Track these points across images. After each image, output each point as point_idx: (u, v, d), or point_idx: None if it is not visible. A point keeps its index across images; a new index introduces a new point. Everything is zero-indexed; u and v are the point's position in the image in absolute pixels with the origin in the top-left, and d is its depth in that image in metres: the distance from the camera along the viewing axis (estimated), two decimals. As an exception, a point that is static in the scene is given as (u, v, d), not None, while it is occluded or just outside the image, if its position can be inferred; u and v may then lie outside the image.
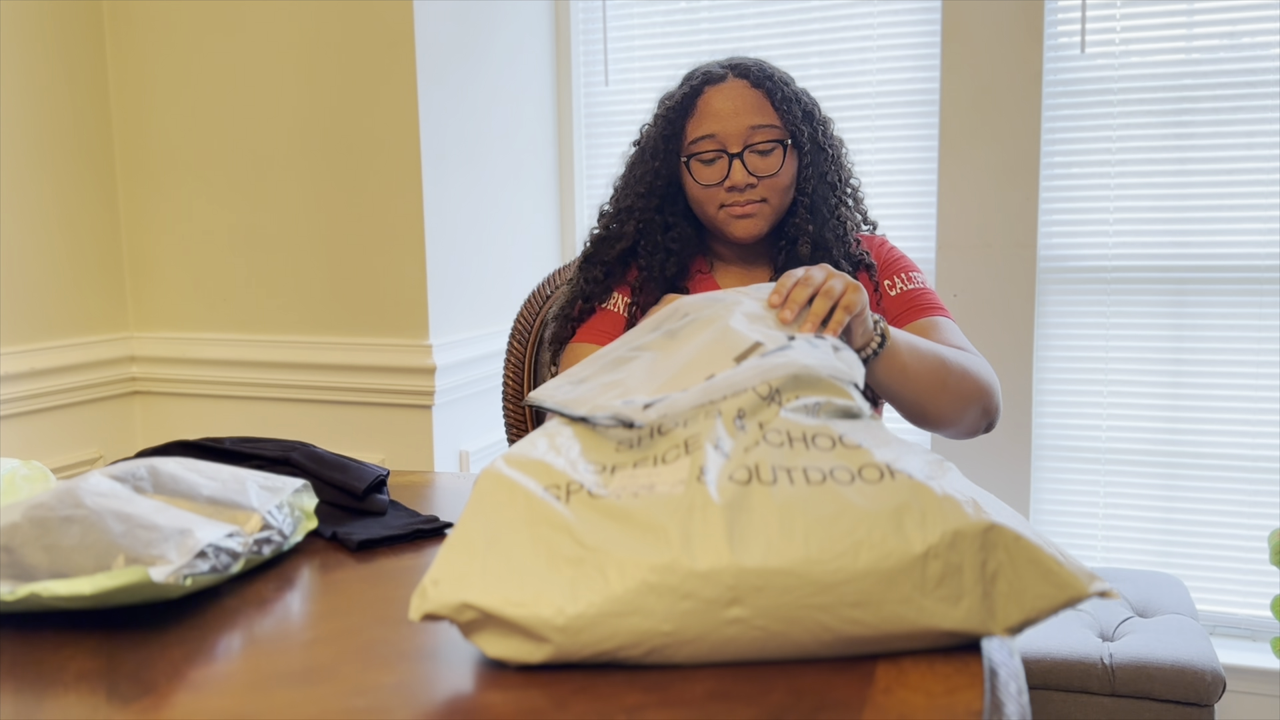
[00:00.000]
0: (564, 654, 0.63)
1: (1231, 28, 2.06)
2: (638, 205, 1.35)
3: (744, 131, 1.28)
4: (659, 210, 1.35)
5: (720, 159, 1.29)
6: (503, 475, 0.69)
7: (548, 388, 0.85)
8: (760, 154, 1.29)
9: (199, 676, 0.66)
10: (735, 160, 1.28)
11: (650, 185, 1.34)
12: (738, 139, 1.28)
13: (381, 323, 2.06)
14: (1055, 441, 2.26)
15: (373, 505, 1.02)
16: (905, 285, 1.33)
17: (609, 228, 1.39)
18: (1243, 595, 2.18)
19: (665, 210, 1.35)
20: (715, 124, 1.29)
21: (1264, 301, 2.09)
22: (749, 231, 1.31)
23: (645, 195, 1.34)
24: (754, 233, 1.31)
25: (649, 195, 1.34)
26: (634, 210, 1.36)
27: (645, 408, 0.75)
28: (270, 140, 2.10)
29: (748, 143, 1.28)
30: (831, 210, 1.34)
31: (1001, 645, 0.66)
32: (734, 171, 1.28)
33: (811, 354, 0.80)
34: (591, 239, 1.42)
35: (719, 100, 1.29)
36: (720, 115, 1.29)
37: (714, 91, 1.30)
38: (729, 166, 1.28)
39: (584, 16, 2.53)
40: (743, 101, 1.29)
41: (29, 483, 0.96)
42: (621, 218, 1.38)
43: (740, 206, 1.29)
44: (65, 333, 2.10)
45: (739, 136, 1.28)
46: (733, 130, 1.28)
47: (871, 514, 0.64)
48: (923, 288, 1.34)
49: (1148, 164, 2.14)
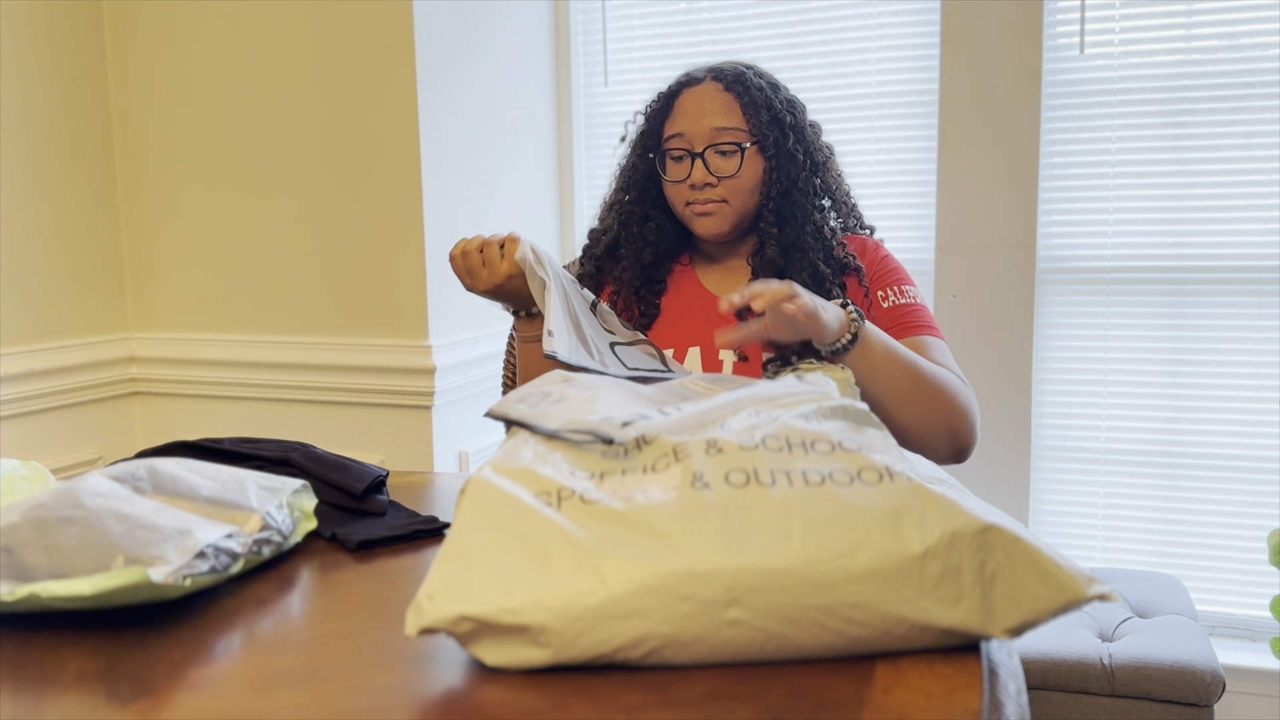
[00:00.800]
0: (563, 658, 0.63)
1: (1231, 28, 2.06)
2: (618, 199, 1.44)
3: (708, 133, 1.33)
4: (638, 202, 1.42)
5: (686, 158, 1.35)
6: (492, 484, 0.68)
7: (509, 401, 0.83)
8: (722, 155, 1.33)
9: (198, 677, 0.66)
10: (697, 160, 1.33)
11: (630, 179, 1.42)
12: (702, 139, 1.33)
13: (381, 323, 2.06)
14: (1054, 442, 2.27)
15: (372, 506, 1.02)
16: (898, 299, 1.34)
17: (601, 219, 1.48)
18: (1242, 595, 2.18)
19: (644, 203, 1.42)
20: (685, 124, 1.34)
21: (1263, 302, 2.09)
22: (709, 229, 1.36)
23: (625, 189, 1.43)
24: (715, 230, 1.36)
25: (628, 189, 1.42)
26: (614, 205, 1.44)
27: (624, 425, 0.74)
28: (270, 141, 2.10)
29: (711, 143, 1.33)
30: (805, 215, 1.35)
31: (1000, 645, 0.67)
32: (695, 170, 1.33)
33: (777, 385, 0.81)
34: (590, 234, 1.50)
35: (690, 101, 1.35)
36: (689, 115, 1.35)
37: (688, 94, 1.36)
38: (691, 165, 1.34)
39: (584, 17, 2.53)
40: (710, 104, 1.34)
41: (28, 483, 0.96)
42: (608, 211, 1.46)
43: (700, 205, 1.34)
44: (65, 333, 2.10)
45: (703, 137, 1.33)
46: (698, 131, 1.33)
47: (870, 514, 0.64)
48: (915, 303, 1.34)
49: (1147, 165, 2.14)
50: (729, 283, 1.40)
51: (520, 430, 0.78)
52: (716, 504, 0.65)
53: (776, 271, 1.33)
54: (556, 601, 0.62)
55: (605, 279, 1.43)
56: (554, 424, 0.76)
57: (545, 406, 0.81)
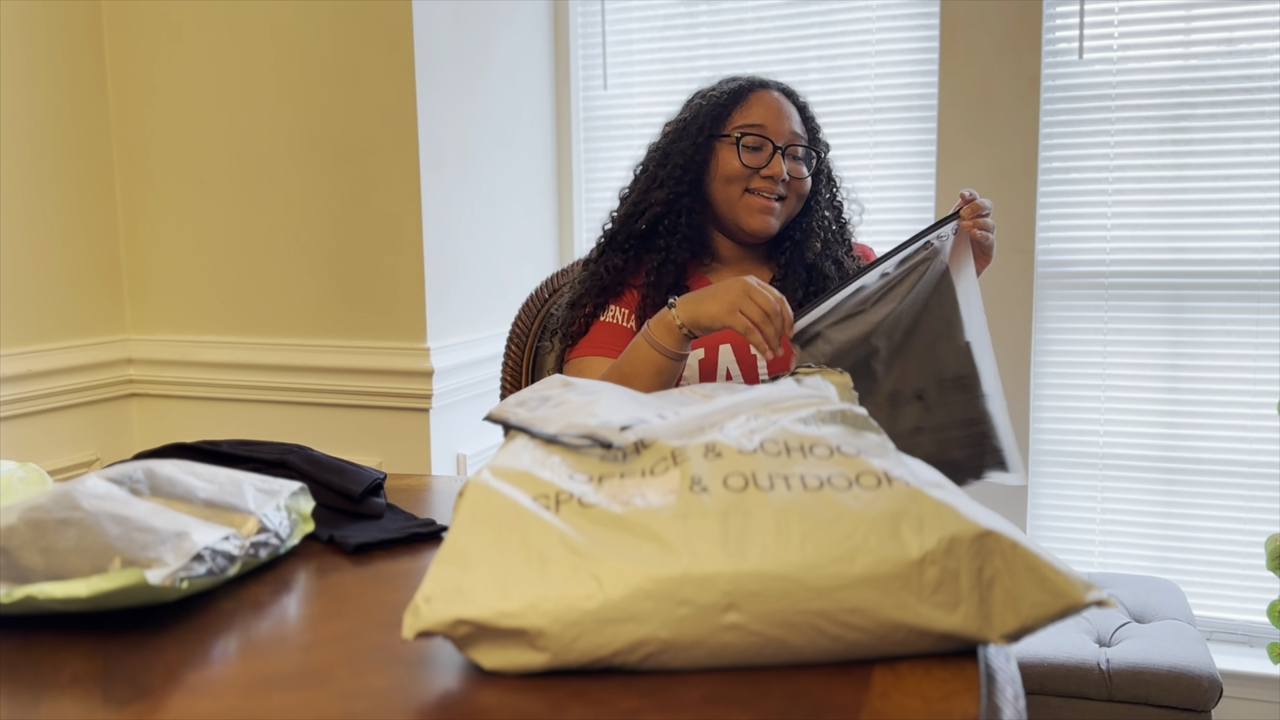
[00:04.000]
0: (560, 662, 0.63)
1: (1229, 34, 2.06)
2: (671, 177, 1.41)
3: (788, 133, 1.40)
4: (689, 192, 1.41)
5: (765, 146, 1.38)
6: (490, 487, 0.68)
7: (508, 404, 0.83)
8: (795, 159, 1.41)
9: (195, 679, 0.66)
10: (779, 153, 1.38)
11: (689, 159, 1.40)
12: (783, 138, 1.39)
13: (379, 326, 2.06)
14: (1053, 446, 2.27)
15: (370, 508, 1.02)
16: None
17: (636, 204, 1.43)
18: (1240, 601, 2.18)
19: (691, 194, 1.42)
20: (766, 116, 1.39)
21: (1261, 307, 2.09)
22: (764, 225, 1.40)
23: (684, 168, 1.40)
24: (767, 228, 1.40)
25: (686, 168, 1.41)
26: (666, 182, 1.41)
27: (622, 429, 0.74)
28: (268, 143, 2.10)
29: (789, 144, 1.39)
30: (828, 226, 1.45)
31: (998, 650, 0.66)
32: (775, 162, 1.38)
33: (776, 389, 0.81)
34: (614, 219, 1.47)
35: (769, 100, 1.41)
36: (771, 112, 1.40)
37: (764, 93, 1.42)
38: (770, 156, 1.38)
39: (583, 20, 2.53)
40: (787, 109, 1.42)
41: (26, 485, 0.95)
42: (650, 190, 1.42)
43: (766, 197, 1.38)
44: (63, 335, 2.10)
45: (784, 136, 1.39)
46: (780, 129, 1.39)
47: (868, 519, 0.64)
48: None
49: (1145, 170, 2.14)
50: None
51: (519, 434, 0.78)
52: (715, 508, 0.65)
53: (806, 273, 1.42)
54: (554, 605, 0.62)
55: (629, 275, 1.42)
56: (553, 428, 0.76)
57: (544, 410, 0.81)
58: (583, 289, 1.43)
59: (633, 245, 1.42)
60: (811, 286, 1.42)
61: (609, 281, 1.41)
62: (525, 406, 0.82)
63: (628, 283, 1.42)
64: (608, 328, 1.40)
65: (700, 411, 0.77)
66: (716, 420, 0.76)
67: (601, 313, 1.41)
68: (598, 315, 1.41)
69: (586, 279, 1.44)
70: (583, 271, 1.46)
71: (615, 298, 1.41)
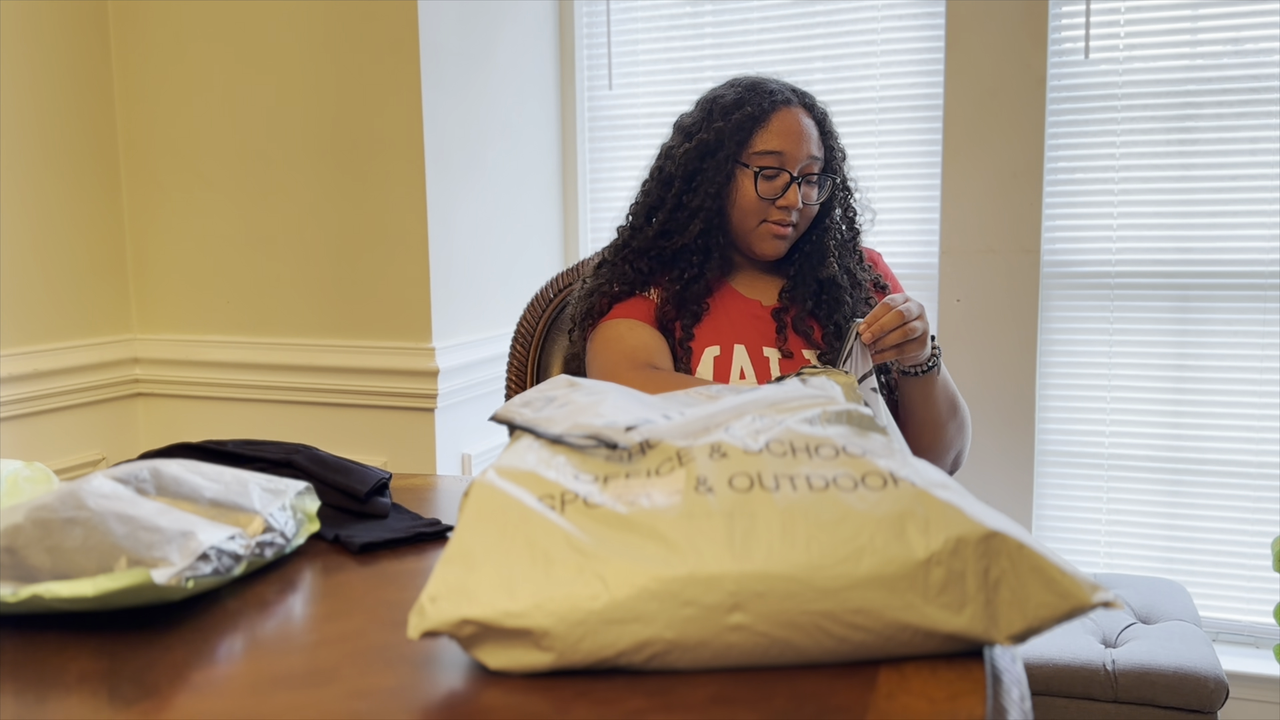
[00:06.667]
0: (565, 663, 0.63)
1: (1235, 33, 2.06)
2: (706, 206, 1.37)
3: (804, 158, 1.36)
4: (718, 223, 1.39)
5: (780, 176, 1.35)
6: (495, 487, 0.68)
7: (514, 405, 0.83)
8: (809, 184, 1.38)
9: (201, 679, 0.66)
10: (795, 184, 1.35)
11: (720, 187, 1.37)
12: (797, 164, 1.36)
13: (384, 326, 2.06)
14: (1058, 447, 2.26)
15: (375, 508, 1.02)
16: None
17: (667, 223, 1.40)
18: (1246, 602, 2.17)
19: (719, 221, 1.39)
20: (784, 143, 1.35)
21: (1268, 308, 2.09)
22: (777, 251, 1.40)
23: (715, 197, 1.37)
24: (778, 253, 1.40)
25: (718, 197, 1.37)
26: (698, 213, 1.38)
27: (628, 430, 0.74)
28: (274, 143, 2.10)
29: (804, 170, 1.36)
30: (841, 243, 1.44)
31: (1004, 651, 0.66)
32: (790, 193, 1.35)
33: (781, 390, 0.81)
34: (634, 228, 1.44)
35: (789, 121, 1.36)
36: (790, 137, 1.35)
37: (786, 112, 1.37)
38: (785, 187, 1.35)
39: (588, 20, 2.53)
40: (805, 131, 1.37)
41: (31, 484, 0.96)
42: (677, 212, 1.40)
43: (781, 226, 1.37)
44: (69, 334, 2.11)
45: (799, 162, 1.36)
46: (798, 154, 1.36)
47: (874, 520, 0.64)
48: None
49: (1152, 169, 2.14)
50: (759, 286, 1.45)
51: (524, 434, 0.78)
52: (720, 508, 0.65)
53: (818, 284, 1.41)
54: (559, 605, 0.62)
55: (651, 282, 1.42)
56: (558, 428, 0.76)
57: (549, 411, 0.81)
58: (603, 279, 1.43)
59: (659, 253, 1.42)
60: (823, 295, 1.41)
61: (634, 278, 1.41)
62: (530, 407, 0.82)
63: (651, 284, 1.43)
64: (636, 302, 1.41)
65: (705, 412, 0.77)
66: (722, 420, 0.76)
67: (626, 298, 1.42)
68: (621, 298, 1.41)
69: (607, 273, 1.43)
70: (598, 270, 1.45)
71: (641, 291, 1.42)
